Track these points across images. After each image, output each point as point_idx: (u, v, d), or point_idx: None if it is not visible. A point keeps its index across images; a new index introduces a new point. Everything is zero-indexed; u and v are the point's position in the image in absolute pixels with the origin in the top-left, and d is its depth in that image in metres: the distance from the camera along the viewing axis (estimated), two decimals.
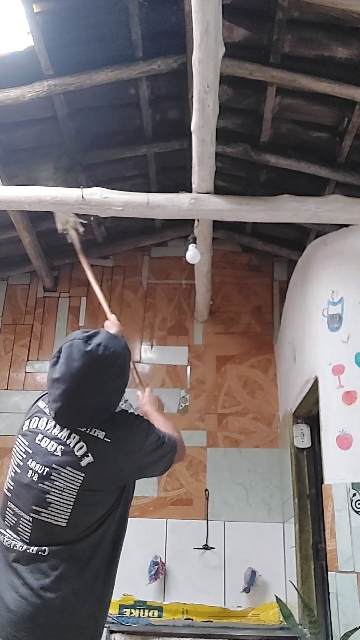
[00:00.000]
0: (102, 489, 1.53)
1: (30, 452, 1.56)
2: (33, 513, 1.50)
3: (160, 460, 1.70)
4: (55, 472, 1.50)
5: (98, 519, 1.53)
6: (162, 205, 3.00)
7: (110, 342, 1.56)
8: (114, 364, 1.56)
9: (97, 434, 1.54)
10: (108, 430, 1.55)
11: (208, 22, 2.04)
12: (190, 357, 4.42)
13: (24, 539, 1.50)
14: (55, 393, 1.54)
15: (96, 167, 3.86)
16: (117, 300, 4.67)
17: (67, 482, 1.50)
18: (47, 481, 1.50)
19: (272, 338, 4.43)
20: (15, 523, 1.53)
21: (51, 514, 1.48)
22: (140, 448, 1.61)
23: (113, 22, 2.93)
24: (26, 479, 1.53)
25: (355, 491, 2.58)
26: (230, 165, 3.86)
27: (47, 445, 1.54)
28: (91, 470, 1.50)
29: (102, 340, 1.55)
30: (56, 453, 1.52)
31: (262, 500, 3.92)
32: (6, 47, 2.91)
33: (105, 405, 1.57)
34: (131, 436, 1.59)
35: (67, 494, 1.49)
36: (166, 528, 3.89)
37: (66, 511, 1.48)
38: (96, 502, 1.53)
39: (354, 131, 3.19)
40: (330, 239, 3.19)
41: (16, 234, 4.11)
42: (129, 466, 1.59)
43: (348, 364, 2.81)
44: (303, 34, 2.83)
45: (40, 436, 1.57)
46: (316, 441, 3.46)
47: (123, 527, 1.62)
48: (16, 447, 1.62)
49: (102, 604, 1.54)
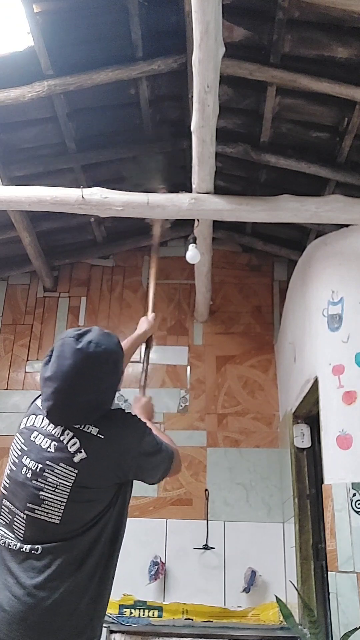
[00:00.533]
0: (96, 486, 1.52)
1: (25, 449, 1.56)
2: (27, 510, 1.49)
3: (156, 467, 1.68)
4: (49, 468, 1.50)
5: (93, 517, 1.51)
6: (162, 205, 3.00)
7: (102, 340, 1.55)
8: (106, 361, 1.55)
9: (91, 430, 1.53)
10: (102, 426, 1.54)
11: (208, 22, 2.04)
12: (190, 357, 4.41)
13: (18, 537, 1.49)
14: (47, 391, 1.53)
15: (96, 167, 3.86)
16: (117, 300, 4.67)
17: (60, 479, 1.48)
18: (41, 478, 1.50)
19: (272, 338, 4.43)
20: (10, 521, 1.52)
21: (45, 511, 1.48)
22: (136, 447, 1.59)
23: (113, 22, 2.93)
24: (21, 476, 1.53)
25: (355, 491, 2.58)
26: (230, 165, 3.86)
27: (41, 442, 1.54)
28: (84, 467, 1.49)
29: (93, 337, 1.54)
30: (49, 449, 1.52)
31: (262, 500, 3.92)
32: (6, 47, 2.92)
33: (98, 403, 1.55)
34: (126, 434, 1.58)
35: (61, 490, 1.48)
36: (166, 528, 3.88)
37: (60, 508, 1.47)
38: (90, 500, 1.51)
39: (354, 131, 3.20)
40: (330, 239, 3.19)
41: (16, 234, 4.11)
42: (123, 464, 1.56)
43: (348, 364, 2.81)
44: (303, 34, 2.83)
45: (35, 433, 1.57)
46: (316, 441, 3.46)
47: (121, 526, 1.61)
48: (13, 445, 1.62)
49: (99, 604, 1.52)
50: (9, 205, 3.20)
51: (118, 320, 4.58)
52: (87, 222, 4.33)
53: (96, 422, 1.55)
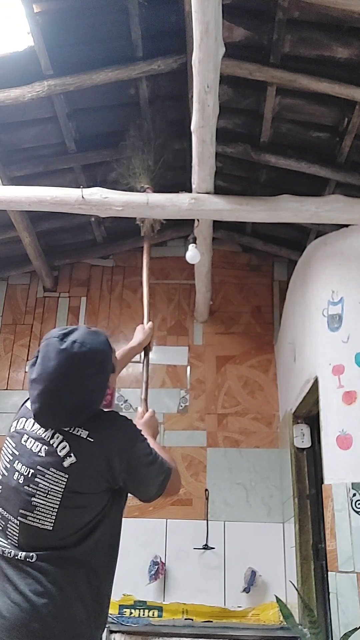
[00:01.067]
0: (88, 491, 1.47)
1: (16, 453, 1.52)
2: (20, 517, 1.46)
3: (149, 480, 1.58)
4: (40, 473, 1.46)
5: (87, 523, 1.47)
6: (162, 205, 3.00)
7: (87, 339, 1.51)
8: (92, 360, 1.50)
9: (80, 433, 1.48)
10: (92, 429, 1.49)
11: (208, 22, 2.04)
12: (190, 357, 4.41)
13: (13, 544, 1.46)
14: (33, 394, 1.50)
15: (96, 167, 3.86)
16: (117, 300, 4.67)
17: (52, 484, 1.45)
18: (32, 483, 1.46)
19: (272, 338, 4.43)
20: (4, 527, 1.49)
21: (37, 517, 1.44)
22: (127, 451, 1.51)
23: (113, 22, 2.94)
24: (13, 481, 1.49)
25: (355, 491, 2.58)
26: (230, 165, 3.86)
27: (32, 446, 1.50)
28: (74, 471, 1.45)
29: (78, 337, 1.50)
30: (40, 454, 1.48)
31: (262, 500, 3.91)
32: (6, 47, 2.92)
33: (86, 404, 1.51)
34: (117, 436, 1.52)
35: (52, 496, 1.44)
36: (166, 528, 3.88)
37: (52, 514, 1.43)
38: (83, 505, 1.47)
39: (354, 131, 3.20)
40: (330, 239, 3.19)
41: (16, 234, 4.11)
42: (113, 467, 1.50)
43: (348, 364, 2.81)
44: (303, 34, 2.83)
45: (25, 437, 1.53)
46: (316, 441, 3.45)
47: (118, 534, 1.57)
48: (4, 449, 1.58)
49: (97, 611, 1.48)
50: (9, 205, 3.20)
51: (118, 320, 4.58)
52: (87, 222, 4.33)
53: (86, 424, 1.50)
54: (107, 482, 1.50)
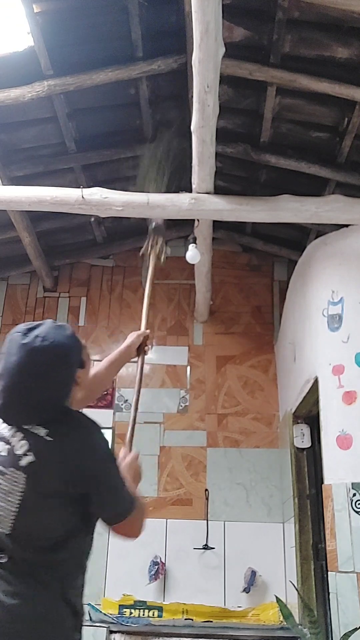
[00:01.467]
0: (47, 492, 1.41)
1: None
2: None
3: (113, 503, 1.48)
4: (0, 473, 1.41)
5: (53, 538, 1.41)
6: (162, 205, 3.00)
7: (50, 333, 1.45)
8: (55, 354, 1.44)
9: (38, 432, 1.42)
10: (52, 428, 1.43)
11: (208, 22, 2.04)
12: (190, 357, 4.42)
13: None
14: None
15: (96, 167, 3.86)
16: (117, 300, 4.67)
17: (11, 484, 1.39)
18: None
19: (272, 338, 4.43)
20: None
21: None
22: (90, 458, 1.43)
23: (113, 22, 2.93)
24: None
25: (355, 491, 2.58)
26: (230, 165, 3.86)
27: None
28: (33, 471, 1.39)
29: (41, 331, 1.45)
30: (2, 453, 1.43)
31: (262, 500, 3.92)
32: (6, 47, 2.92)
33: (49, 400, 1.45)
34: (77, 438, 1.44)
35: (12, 497, 1.39)
36: (166, 528, 3.88)
37: (10, 517, 1.39)
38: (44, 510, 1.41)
39: (354, 131, 3.20)
40: (330, 239, 3.19)
41: (16, 234, 4.11)
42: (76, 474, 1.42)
43: (348, 364, 2.81)
44: (303, 34, 2.83)
45: None
46: (316, 441, 3.46)
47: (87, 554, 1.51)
48: None
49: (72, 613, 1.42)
50: (9, 205, 3.20)
51: (118, 320, 4.59)
52: (87, 222, 4.33)
53: (47, 422, 1.44)
54: (66, 487, 1.42)
